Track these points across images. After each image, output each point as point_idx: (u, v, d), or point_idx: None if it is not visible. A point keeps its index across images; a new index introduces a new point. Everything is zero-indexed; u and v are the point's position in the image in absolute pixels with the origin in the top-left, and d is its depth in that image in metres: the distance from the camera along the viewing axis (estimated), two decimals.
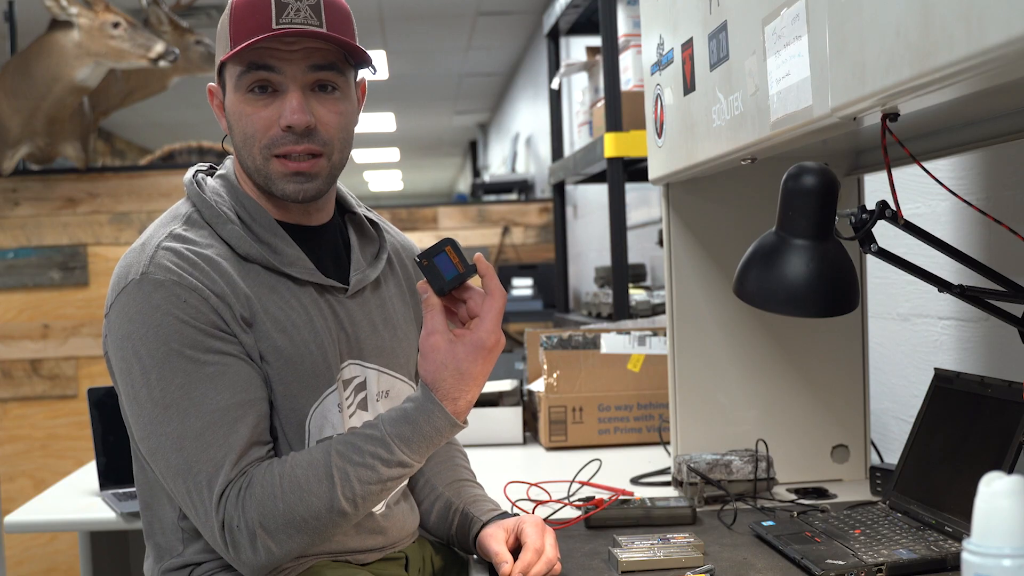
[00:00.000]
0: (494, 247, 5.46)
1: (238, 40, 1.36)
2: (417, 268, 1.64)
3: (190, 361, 1.31)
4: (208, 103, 1.48)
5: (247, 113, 1.39)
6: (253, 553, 1.29)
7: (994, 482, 0.85)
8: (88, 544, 2.34)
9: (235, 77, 1.39)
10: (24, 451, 4.24)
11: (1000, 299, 1.37)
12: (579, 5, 3.40)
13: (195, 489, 1.30)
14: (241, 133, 1.41)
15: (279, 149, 1.39)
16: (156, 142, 9.49)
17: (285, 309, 1.40)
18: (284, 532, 1.29)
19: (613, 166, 2.87)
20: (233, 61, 1.38)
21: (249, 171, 1.43)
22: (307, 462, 1.31)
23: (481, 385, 1.34)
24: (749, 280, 1.41)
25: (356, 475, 1.30)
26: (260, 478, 1.30)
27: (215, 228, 1.41)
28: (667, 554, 1.39)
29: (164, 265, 1.33)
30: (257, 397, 1.34)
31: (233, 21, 1.38)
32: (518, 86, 7.89)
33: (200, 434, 1.29)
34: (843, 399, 1.90)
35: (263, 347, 1.37)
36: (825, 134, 1.24)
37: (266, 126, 1.39)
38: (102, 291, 4.27)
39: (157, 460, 1.33)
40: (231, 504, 1.28)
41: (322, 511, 1.29)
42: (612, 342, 2.39)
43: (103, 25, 3.64)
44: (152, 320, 1.31)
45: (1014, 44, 0.79)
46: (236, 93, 1.39)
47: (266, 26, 1.35)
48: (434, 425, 1.32)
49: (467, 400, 1.33)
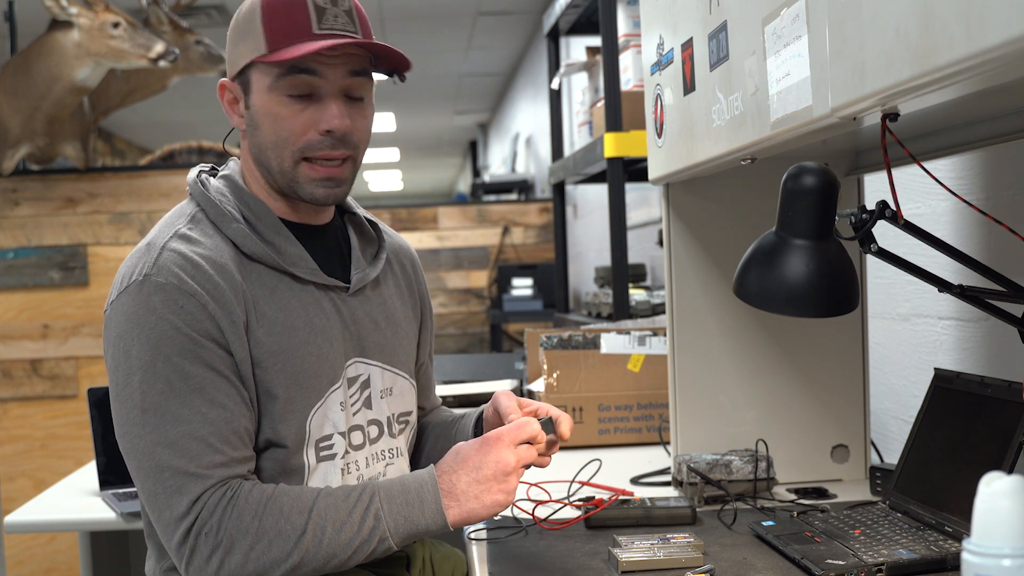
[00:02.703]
0: (494, 247, 5.47)
1: (277, 41, 1.36)
2: (416, 269, 1.66)
3: (175, 370, 1.31)
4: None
5: (284, 116, 1.39)
6: (206, 563, 1.28)
7: (994, 482, 0.85)
8: (88, 544, 2.34)
9: (272, 78, 1.38)
10: (24, 451, 4.24)
11: (1000, 299, 1.37)
12: (579, 5, 3.40)
13: (163, 493, 1.30)
14: (273, 135, 1.40)
15: (316, 153, 1.39)
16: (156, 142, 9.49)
17: (285, 311, 1.40)
18: (246, 553, 1.28)
19: (613, 166, 2.87)
20: (266, 61, 1.37)
21: (272, 172, 1.43)
22: (295, 494, 1.32)
23: (471, 485, 1.32)
24: (749, 280, 1.41)
25: (332, 517, 1.30)
26: (246, 495, 1.30)
27: (220, 227, 1.41)
28: (667, 554, 1.39)
29: (167, 268, 1.34)
30: (237, 414, 1.33)
31: (266, 19, 1.37)
32: (518, 86, 7.90)
33: (173, 443, 1.29)
34: (843, 399, 1.90)
35: (260, 352, 1.37)
36: (825, 134, 1.24)
37: (303, 130, 1.39)
38: (102, 291, 4.27)
39: (130, 459, 1.34)
40: (207, 512, 1.28)
41: (289, 543, 1.28)
42: (612, 342, 2.39)
43: (103, 25, 3.64)
44: (147, 322, 1.32)
45: (1014, 44, 0.79)
46: (271, 94, 1.39)
47: (307, 30, 1.35)
48: (421, 494, 1.32)
49: (452, 480, 1.33)
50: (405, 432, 1.57)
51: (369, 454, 1.49)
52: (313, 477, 1.41)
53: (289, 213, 1.47)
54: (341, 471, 1.44)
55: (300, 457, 1.40)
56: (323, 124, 1.38)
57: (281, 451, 1.39)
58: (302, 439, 1.40)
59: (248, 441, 1.35)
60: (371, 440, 1.49)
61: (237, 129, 1.49)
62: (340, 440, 1.44)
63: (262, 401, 1.38)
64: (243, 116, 1.45)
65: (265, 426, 1.38)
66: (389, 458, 1.52)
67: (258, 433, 1.38)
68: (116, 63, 3.72)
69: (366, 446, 1.48)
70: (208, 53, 4.14)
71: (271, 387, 1.37)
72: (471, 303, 5.51)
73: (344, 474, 1.44)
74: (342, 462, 1.44)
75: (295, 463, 1.39)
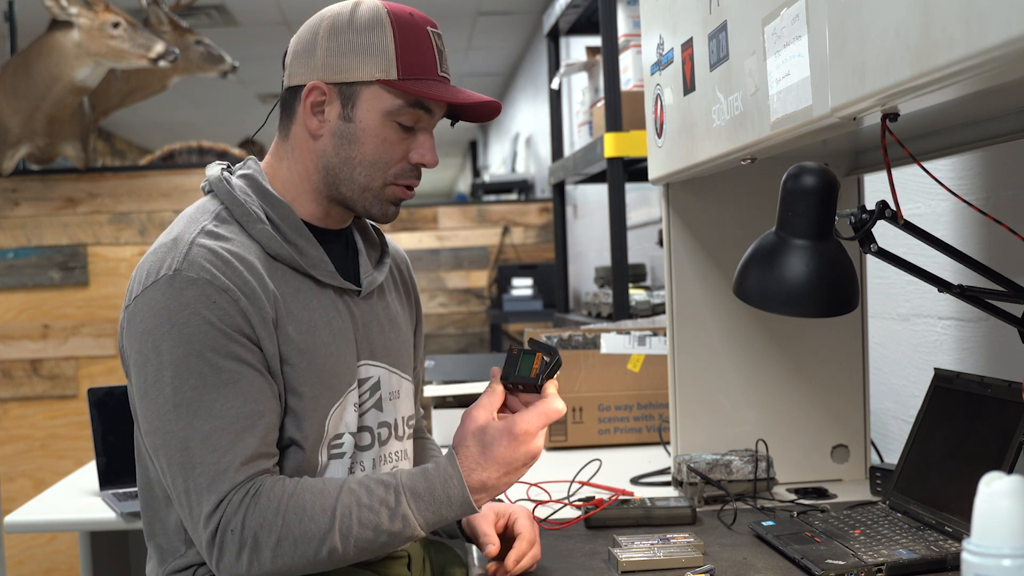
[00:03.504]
0: (494, 247, 5.47)
1: (408, 71, 1.40)
2: (410, 272, 1.67)
3: (207, 364, 1.31)
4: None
5: (392, 141, 1.43)
6: (236, 561, 1.29)
7: (994, 482, 0.85)
8: (88, 544, 2.34)
9: (393, 104, 1.41)
10: (24, 451, 4.24)
11: (1000, 299, 1.37)
12: (579, 5, 3.40)
13: (194, 490, 1.30)
14: (375, 155, 1.43)
15: (405, 181, 1.46)
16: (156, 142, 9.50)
17: (308, 311, 1.41)
18: (273, 550, 1.28)
19: (613, 166, 2.87)
20: (396, 87, 1.40)
21: (351, 185, 1.44)
22: (318, 489, 1.31)
23: (501, 478, 1.32)
24: (749, 280, 1.41)
25: (358, 516, 1.30)
26: (268, 491, 1.30)
27: (245, 226, 1.41)
28: (667, 554, 1.39)
29: (198, 263, 1.34)
30: (267, 409, 1.34)
31: (401, 47, 1.40)
32: (518, 86, 7.90)
33: (206, 437, 1.30)
34: (843, 399, 1.90)
35: (288, 349, 1.37)
36: (825, 134, 1.24)
37: (400, 157, 1.44)
38: (102, 291, 4.27)
39: (160, 456, 1.33)
40: (232, 509, 1.29)
41: (315, 540, 1.29)
42: (612, 342, 2.39)
43: (103, 25, 3.64)
44: (179, 318, 1.32)
45: (1014, 44, 0.79)
46: (385, 117, 1.41)
47: (433, 70, 1.42)
48: (447, 490, 1.32)
49: (483, 478, 1.32)
50: (411, 436, 1.59)
51: (376, 455, 1.49)
52: (322, 475, 1.42)
53: (315, 216, 1.48)
54: (347, 470, 1.45)
55: (316, 455, 1.41)
56: (416, 157, 1.45)
57: (301, 451, 1.39)
58: (320, 437, 1.41)
59: (275, 436, 1.36)
60: (381, 442, 1.50)
61: (311, 131, 1.44)
62: (349, 439, 1.45)
63: (288, 399, 1.38)
64: (326, 122, 1.43)
65: (289, 424, 1.38)
66: (396, 460, 1.53)
67: (282, 431, 1.39)
68: (116, 63, 3.72)
69: (374, 447, 1.49)
70: (208, 53, 4.14)
71: (297, 385, 1.38)
72: (471, 303, 5.51)
73: (349, 473, 1.45)
74: (349, 461, 1.45)
75: (311, 461, 1.40)
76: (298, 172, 1.46)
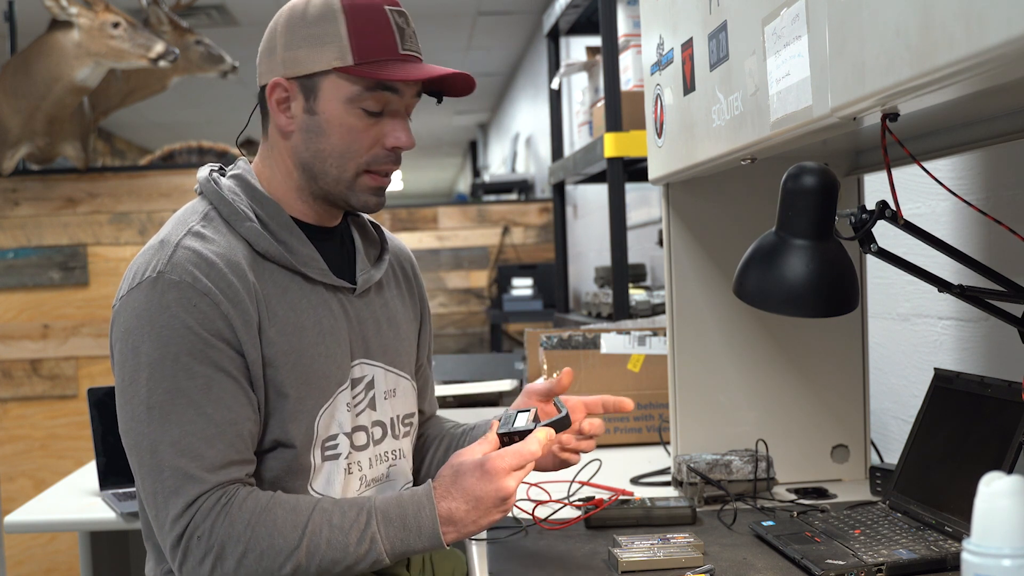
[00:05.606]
0: (494, 247, 5.47)
1: (365, 55, 1.37)
2: (415, 271, 1.66)
3: (183, 369, 1.31)
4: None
5: (357, 129, 1.41)
6: (199, 566, 1.29)
7: (994, 482, 0.85)
8: (88, 544, 2.35)
9: (355, 91, 1.39)
10: (24, 451, 4.24)
11: (1000, 299, 1.37)
12: (579, 5, 3.40)
13: (161, 492, 1.30)
14: (342, 145, 1.41)
15: (380, 167, 1.43)
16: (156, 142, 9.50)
17: (295, 311, 1.41)
18: (238, 560, 1.28)
19: (613, 166, 2.87)
20: (352, 73, 1.38)
21: (325, 178, 1.43)
22: (291, 506, 1.31)
23: (470, 512, 1.31)
24: (749, 280, 1.41)
25: (328, 536, 1.29)
26: (241, 502, 1.30)
27: (233, 225, 1.41)
28: (667, 554, 1.39)
29: (182, 266, 1.34)
30: (241, 417, 1.33)
31: (353, 31, 1.37)
32: (518, 86, 7.90)
33: (176, 441, 1.30)
34: (843, 399, 1.90)
35: (271, 351, 1.37)
36: (825, 134, 1.24)
37: (371, 144, 1.42)
38: (102, 291, 4.27)
39: (131, 455, 1.34)
40: (200, 515, 1.28)
41: (281, 555, 1.28)
42: (612, 342, 2.39)
43: (103, 25, 3.64)
44: (159, 320, 1.32)
45: (1014, 44, 0.79)
46: (347, 105, 1.39)
47: (393, 49, 1.38)
48: (418, 519, 1.31)
49: (450, 508, 1.31)
50: (410, 434, 1.58)
51: (373, 455, 1.49)
52: (318, 477, 1.41)
53: (306, 214, 1.47)
54: (344, 471, 1.44)
55: (307, 457, 1.40)
56: (391, 141, 1.42)
57: (289, 451, 1.39)
58: (310, 439, 1.40)
59: (251, 445, 1.35)
60: (375, 441, 1.49)
61: (281, 128, 1.44)
62: (344, 440, 1.44)
63: (272, 400, 1.38)
64: (293, 118, 1.43)
65: (274, 425, 1.38)
66: (392, 459, 1.53)
67: (266, 432, 1.38)
68: (116, 63, 3.72)
69: (369, 447, 1.48)
70: (208, 53, 4.14)
71: (282, 386, 1.38)
72: (471, 303, 5.52)
73: (347, 474, 1.44)
74: (345, 462, 1.44)
75: (302, 463, 1.40)
76: (281, 172, 1.47)
